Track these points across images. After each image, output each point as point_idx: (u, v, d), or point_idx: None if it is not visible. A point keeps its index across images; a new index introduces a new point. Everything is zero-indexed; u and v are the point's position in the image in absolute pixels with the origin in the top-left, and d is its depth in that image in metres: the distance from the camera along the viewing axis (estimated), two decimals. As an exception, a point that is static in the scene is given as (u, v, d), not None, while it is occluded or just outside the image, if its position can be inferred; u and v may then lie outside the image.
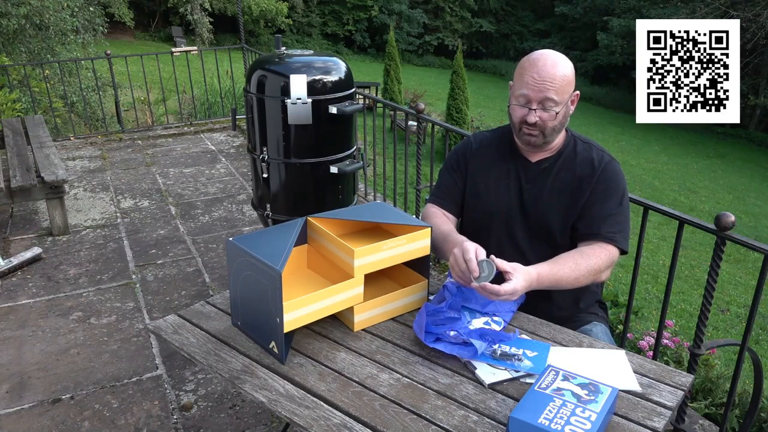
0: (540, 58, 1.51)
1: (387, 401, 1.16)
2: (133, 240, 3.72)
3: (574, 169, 1.59)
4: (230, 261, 1.36)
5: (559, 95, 1.50)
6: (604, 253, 1.50)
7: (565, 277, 1.44)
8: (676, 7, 19.51)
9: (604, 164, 1.58)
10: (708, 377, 2.47)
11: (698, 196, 11.66)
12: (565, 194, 1.59)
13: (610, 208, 1.55)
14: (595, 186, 1.56)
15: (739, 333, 2.68)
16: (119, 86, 6.53)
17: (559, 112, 1.52)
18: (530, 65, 1.52)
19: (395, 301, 1.45)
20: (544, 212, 1.60)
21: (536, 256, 1.57)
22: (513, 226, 1.63)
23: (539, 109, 1.52)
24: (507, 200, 1.63)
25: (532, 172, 1.62)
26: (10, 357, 2.54)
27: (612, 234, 1.53)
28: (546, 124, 1.53)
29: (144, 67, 6.09)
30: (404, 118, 8.06)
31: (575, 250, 1.52)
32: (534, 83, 1.50)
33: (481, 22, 28.43)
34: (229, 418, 2.20)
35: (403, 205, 4.24)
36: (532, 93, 1.51)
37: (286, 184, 2.83)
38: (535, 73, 1.50)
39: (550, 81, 1.49)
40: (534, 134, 1.55)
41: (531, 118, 1.52)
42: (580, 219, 1.57)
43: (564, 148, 1.62)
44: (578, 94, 1.58)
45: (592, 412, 1.04)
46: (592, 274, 1.48)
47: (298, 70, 2.63)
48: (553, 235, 1.60)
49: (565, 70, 1.51)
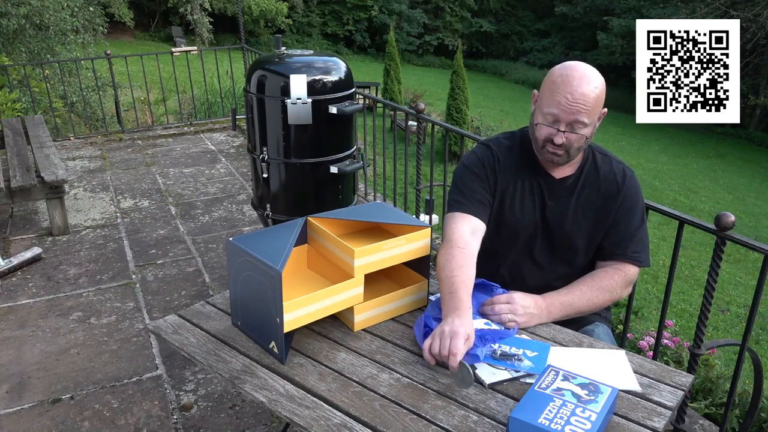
0: (575, 76, 1.39)
1: (387, 401, 1.16)
2: (133, 240, 3.72)
3: (598, 187, 1.54)
4: (230, 261, 1.36)
5: (590, 117, 1.42)
6: (619, 274, 1.50)
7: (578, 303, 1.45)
8: (676, 7, 19.51)
9: (627, 179, 1.54)
10: (708, 377, 2.47)
11: (698, 196, 11.67)
12: (590, 213, 1.54)
13: (635, 226, 1.53)
14: (621, 204, 1.53)
15: (739, 333, 2.68)
16: (119, 86, 6.53)
17: (588, 134, 1.45)
18: (564, 82, 1.40)
19: (395, 301, 1.45)
20: (570, 231, 1.55)
21: (555, 274, 1.56)
22: (534, 243, 1.58)
23: (568, 130, 1.42)
24: (532, 218, 1.56)
25: (555, 188, 1.55)
26: (10, 357, 2.54)
27: (637, 254, 1.52)
28: (572, 145, 1.45)
29: (144, 67, 6.09)
30: (404, 118, 8.06)
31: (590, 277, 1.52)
32: (567, 104, 1.39)
33: (481, 22, 28.43)
34: (229, 418, 2.20)
35: (403, 205, 4.24)
36: (562, 114, 1.41)
37: (286, 184, 2.83)
38: (569, 93, 1.39)
39: (583, 103, 1.39)
40: (558, 153, 1.46)
41: (558, 139, 1.43)
42: (607, 238, 1.53)
43: (585, 163, 1.56)
44: (605, 111, 1.48)
45: (592, 412, 1.04)
46: (606, 299, 1.49)
47: (298, 70, 2.63)
48: (577, 254, 1.56)
49: (598, 89, 1.41)
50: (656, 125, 16.85)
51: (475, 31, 28.49)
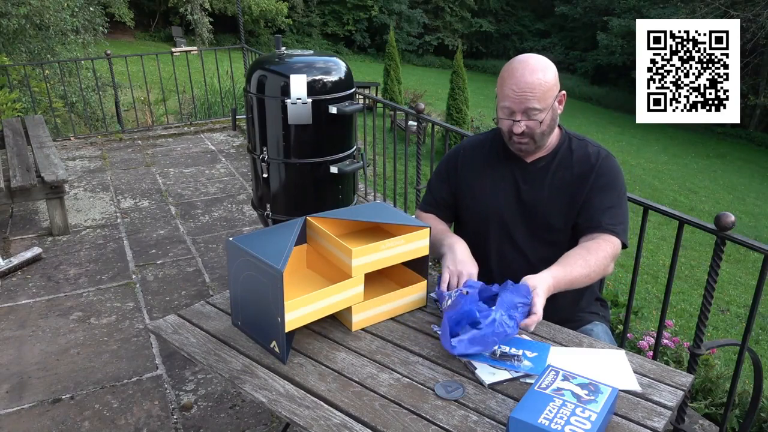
0: (518, 68, 1.49)
1: (387, 401, 1.16)
2: (133, 240, 3.72)
3: (572, 167, 1.58)
4: (230, 261, 1.36)
5: (541, 102, 1.48)
6: (608, 245, 1.49)
7: (578, 276, 1.42)
8: (676, 7, 19.53)
9: (601, 159, 1.58)
10: (708, 377, 2.47)
11: (698, 196, 11.67)
12: (564, 192, 1.58)
13: (609, 201, 1.54)
14: (594, 181, 1.56)
15: (739, 333, 2.68)
16: (119, 86, 6.53)
17: (544, 118, 1.51)
18: (509, 76, 1.50)
19: (394, 301, 1.45)
20: (546, 212, 1.58)
21: (538, 256, 1.57)
22: (512, 228, 1.62)
23: (524, 119, 1.50)
24: (504, 202, 1.61)
25: (528, 172, 1.61)
26: (10, 357, 2.54)
27: (613, 226, 1.52)
28: (534, 131, 1.52)
29: (144, 67, 6.09)
30: (404, 118, 8.06)
31: (580, 247, 1.50)
32: (514, 95, 1.48)
33: (481, 22, 28.43)
34: (229, 418, 2.20)
35: (403, 205, 4.24)
36: (513, 105, 1.50)
37: (286, 184, 2.83)
38: (513, 84, 1.48)
39: (530, 90, 1.47)
40: (524, 142, 1.54)
41: (517, 128, 1.52)
42: (581, 214, 1.56)
43: (559, 147, 1.61)
44: (564, 93, 1.56)
45: (592, 412, 1.04)
46: (601, 267, 1.47)
47: (299, 70, 2.63)
48: (556, 234, 1.59)
49: (544, 76, 1.48)
50: (656, 125, 16.84)
51: (475, 31, 28.49)
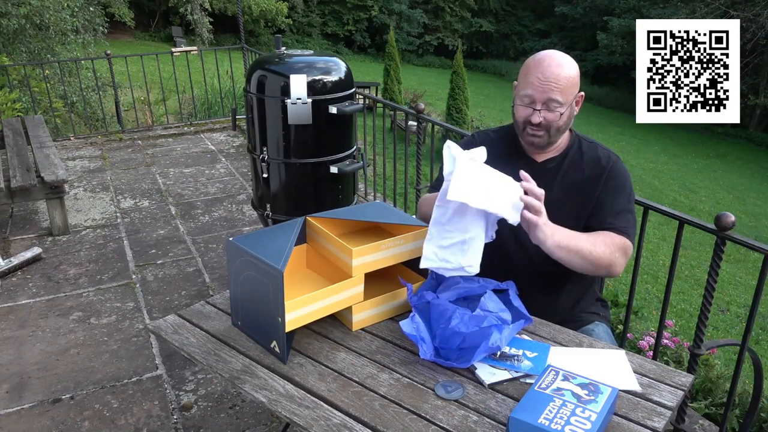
0: (545, 59, 1.51)
1: (387, 401, 1.16)
2: (133, 240, 3.72)
3: (582, 169, 1.59)
4: (230, 261, 1.36)
5: (563, 96, 1.50)
6: (620, 240, 1.50)
7: (582, 247, 1.42)
8: (676, 7, 19.52)
9: (612, 163, 1.58)
10: (708, 377, 2.47)
11: (698, 196, 11.66)
12: (574, 194, 1.58)
13: (619, 206, 1.55)
14: (605, 184, 1.56)
15: (739, 333, 2.68)
16: (119, 86, 6.53)
17: (564, 112, 1.52)
18: (535, 65, 1.51)
19: (393, 301, 1.45)
20: (555, 213, 1.54)
21: (542, 257, 1.56)
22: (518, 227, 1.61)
23: (544, 109, 1.51)
24: None
25: (538, 172, 1.57)
26: (10, 357, 2.54)
27: (625, 228, 1.53)
28: (550, 125, 1.52)
29: (144, 67, 6.10)
30: (404, 118, 8.05)
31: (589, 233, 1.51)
32: (539, 83, 1.49)
33: (481, 22, 28.42)
34: (229, 418, 2.20)
35: (403, 205, 4.24)
36: (536, 93, 1.50)
37: (286, 184, 2.83)
38: (539, 73, 1.49)
39: (555, 81, 1.48)
40: (539, 134, 1.55)
41: (535, 118, 1.52)
42: (592, 217, 1.56)
43: (569, 148, 1.62)
44: (583, 95, 1.58)
45: (592, 412, 1.04)
46: (607, 255, 1.46)
47: (299, 70, 2.63)
48: None
49: (569, 71, 1.51)
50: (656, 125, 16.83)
51: (475, 31, 28.48)
